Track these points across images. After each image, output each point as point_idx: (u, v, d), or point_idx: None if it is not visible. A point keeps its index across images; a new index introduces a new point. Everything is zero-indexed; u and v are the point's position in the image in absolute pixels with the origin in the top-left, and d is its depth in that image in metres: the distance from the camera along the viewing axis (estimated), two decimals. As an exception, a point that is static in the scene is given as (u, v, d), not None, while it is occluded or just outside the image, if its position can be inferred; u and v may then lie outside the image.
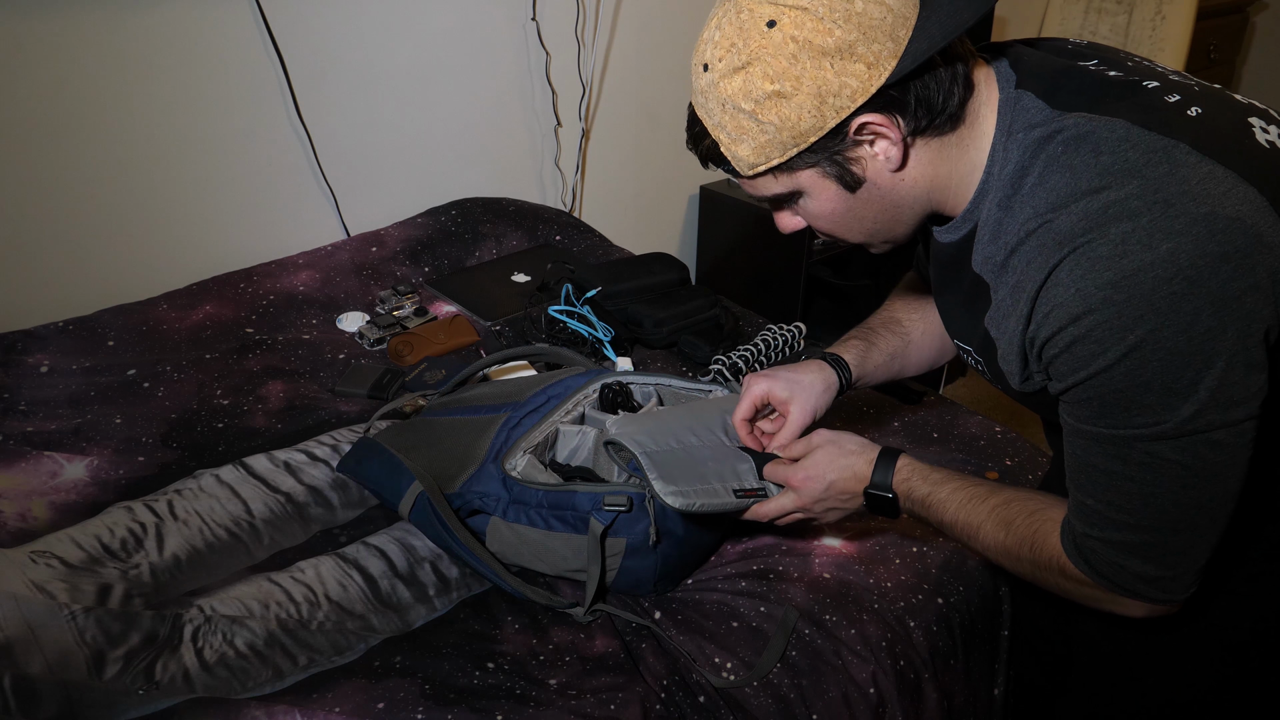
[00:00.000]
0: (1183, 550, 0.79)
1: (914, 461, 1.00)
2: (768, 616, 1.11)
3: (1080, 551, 0.83)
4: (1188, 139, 0.73)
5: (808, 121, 0.77)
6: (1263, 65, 3.89)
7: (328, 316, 1.73)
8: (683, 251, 2.76)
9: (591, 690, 1.01)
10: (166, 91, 1.72)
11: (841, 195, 0.83)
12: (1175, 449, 0.74)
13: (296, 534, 1.22)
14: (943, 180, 0.83)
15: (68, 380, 1.49)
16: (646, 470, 1.02)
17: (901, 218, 0.86)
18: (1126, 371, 0.72)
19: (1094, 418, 0.77)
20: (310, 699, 0.99)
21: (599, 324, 1.63)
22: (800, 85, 0.75)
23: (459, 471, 1.17)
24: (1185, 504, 0.76)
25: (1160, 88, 0.79)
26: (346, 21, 1.89)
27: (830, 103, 0.76)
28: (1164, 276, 0.69)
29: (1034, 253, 0.76)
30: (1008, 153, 0.80)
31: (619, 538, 1.08)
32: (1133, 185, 0.72)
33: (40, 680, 0.98)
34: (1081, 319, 0.72)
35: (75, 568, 1.13)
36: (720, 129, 0.81)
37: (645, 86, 2.43)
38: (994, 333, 0.84)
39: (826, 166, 0.81)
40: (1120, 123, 0.75)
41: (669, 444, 1.07)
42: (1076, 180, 0.74)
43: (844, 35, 0.73)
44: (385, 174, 2.06)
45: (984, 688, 1.22)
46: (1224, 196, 0.70)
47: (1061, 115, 0.77)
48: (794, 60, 0.74)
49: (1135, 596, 0.82)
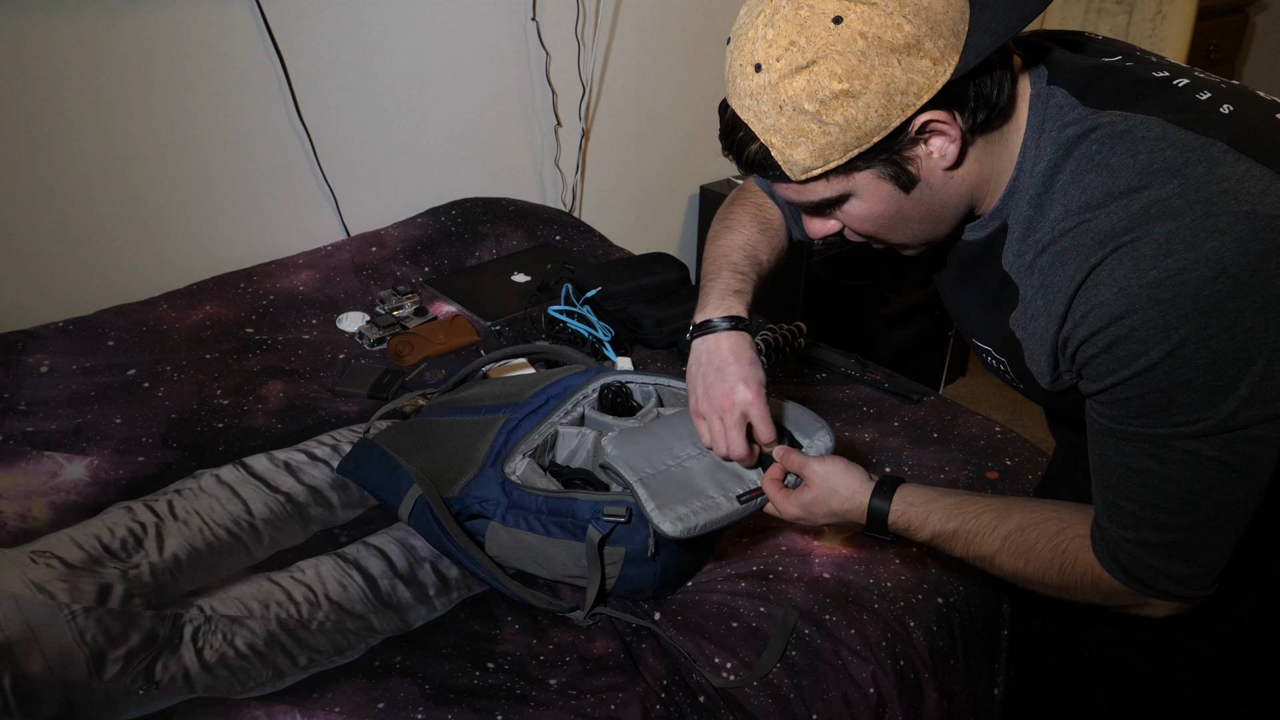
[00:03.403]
0: (1214, 548, 0.79)
1: (908, 499, 0.95)
2: (767, 616, 1.11)
3: (1115, 557, 0.82)
4: (1224, 137, 0.73)
5: (874, 121, 0.74)
6: (1263, 65, 3.88)
7: (328, 316, 1.73)
8: (683, 251, 2.76)
9: (591, 690, 1.01)
10: (166, 91, 1.72)
11: (894, 196, 0.81)
12: (1215, 446, 0.74)
13: (296, 534, 1.22)
14: (985, 176, 0.82)
15: (68, 380, 1.49)
16: (644, 501, 1.00)
17: (946, 217, 0.85)
18: (1169, 370, 0.72)
19: (1131, 417, 0.76)
20: (310, 699, 0.99)
21: (599, 324, 1.63)
22: (869, 83, 0.72)
23: (458, 475, 1.17)
24: (1222, 501, 0.76)
25: (1191, 85, 0.79)
26: (346, 21, 1.88)
27: (897, 100, 0.73)
28: (1209, 275, 0.69)
29: (1069, 252, 0.76)
30: (1040, 149, 0.79)
31: (618, 547, 1.07)
32: (1173, 185, 0.72)
33: (40, 680, 0.99)
34: (1124, 319, 0.72)
35: (75, 568, 1.13)
36: (774, 132, 0.76)
37: (645, 86, 2.43)
38: (1020, 334, 0.84)
39: (883, 167, 0.78)
40: (1156, 121, 0.74)
41: (664, 463, 1.05)
42: (1115, 179, 0.74)
43: (913, 30, 0.71)
44: (385, 174, 2.06)
45: (984, 688, 1.22)
46: (1263, 194, 0.71)
47: (1096, 113, 0.77)
48: (863, 57, 0.71)
49: (1164, 597, 0.81)
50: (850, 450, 1.38)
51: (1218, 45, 3.50)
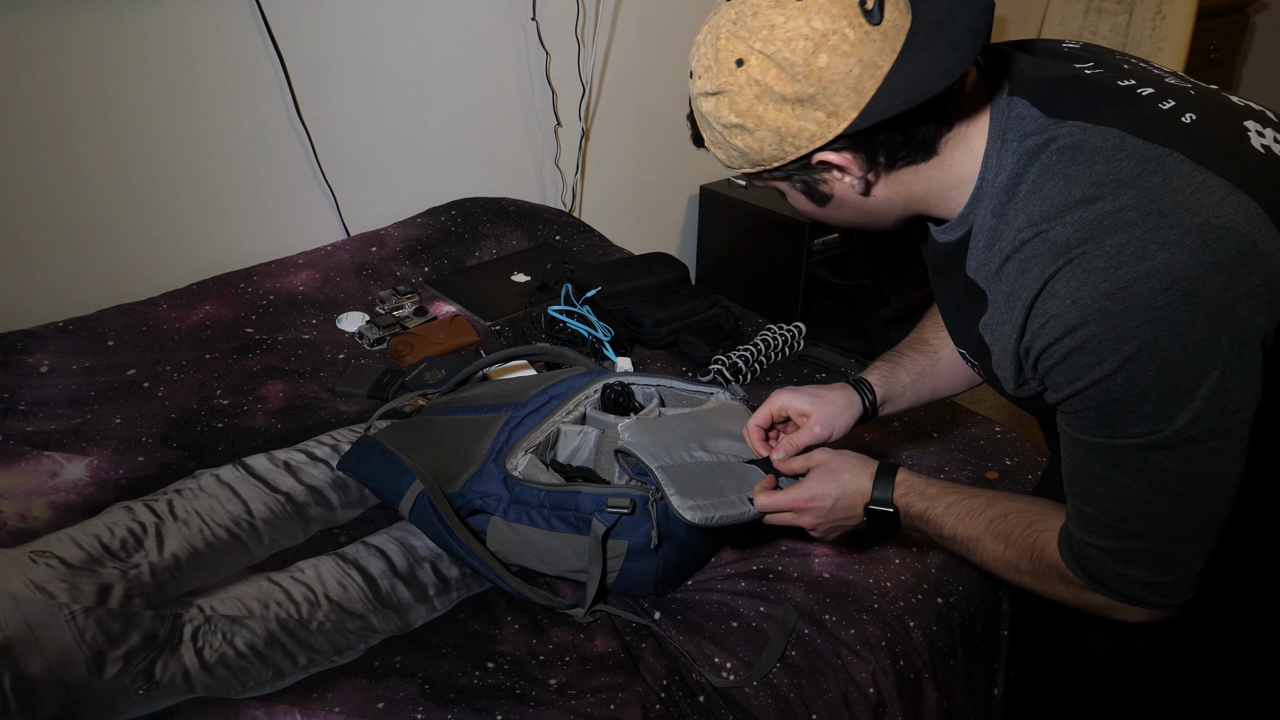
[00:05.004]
0: (1181, 556, 0.79)
1: (912, 475, 1.00)
2: (768, 616, 1.11)
3: (1078, 559, 0.83)
4: (1182, 148, 0.73)
5: (769, 152, 0.79)
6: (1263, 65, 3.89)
7: (328, 316, 1.73)
8: (683, 251, 2.76)
9: (591, 690, 1.01)
10: (166, 91, 1.72)
11: (811, 204, 0.87)
12: (1172, 458, 0.74)
13: (296, 534, 1.22)
14: (920, 196, 0.84)
15: (68, 380, 1.49)
16: (664, 485, 1.03)
17: (879, 221, 0.89)
18: (1122, 382, 0.72)
19: (1091, 427, 0.77)
20: (310, 699, 0.99)
21: (599, 324, 1.63)
22: (761, 123, 0.77)
23: (460, 471, 1.17)
24: (1182, 512, 0.76)
25: (1155, 94, 0.79)
26: (346, 21, 1.89)
27: (790, 141, 0.77)
28: (1159, 287, 0.69)
29: (1029, 262, 0.76)
30: (1001, 160, 0.80)
31: (620, 539, 1.08)
32: (1127, 196, 0.72)
33: (40, 680, 0.98)
34: (1077, 330, 0.73)
35: (75, 568, 1.13)
36: (704, 129, 0.84)
37: (645, 86, 2.43)
38: (988, 338, 0.84)
39: (794, 184, 0.84)
40: (1114, 132, 0.75)
41: (681, 458, 1.07)
42: (1070, 189, 0.74)
43: (801, 89, 0.74)
44: (385, 174, 2.06)
45: (984, 688, 1.22)
46: (1218, 206, 0.71)
47: (1057, 123, 0.77)
48: (757, 100, 0.76)
49: (1134, 602, 0.82)
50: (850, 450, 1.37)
51: (1218, 45, 3.50)
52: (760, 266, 2.54)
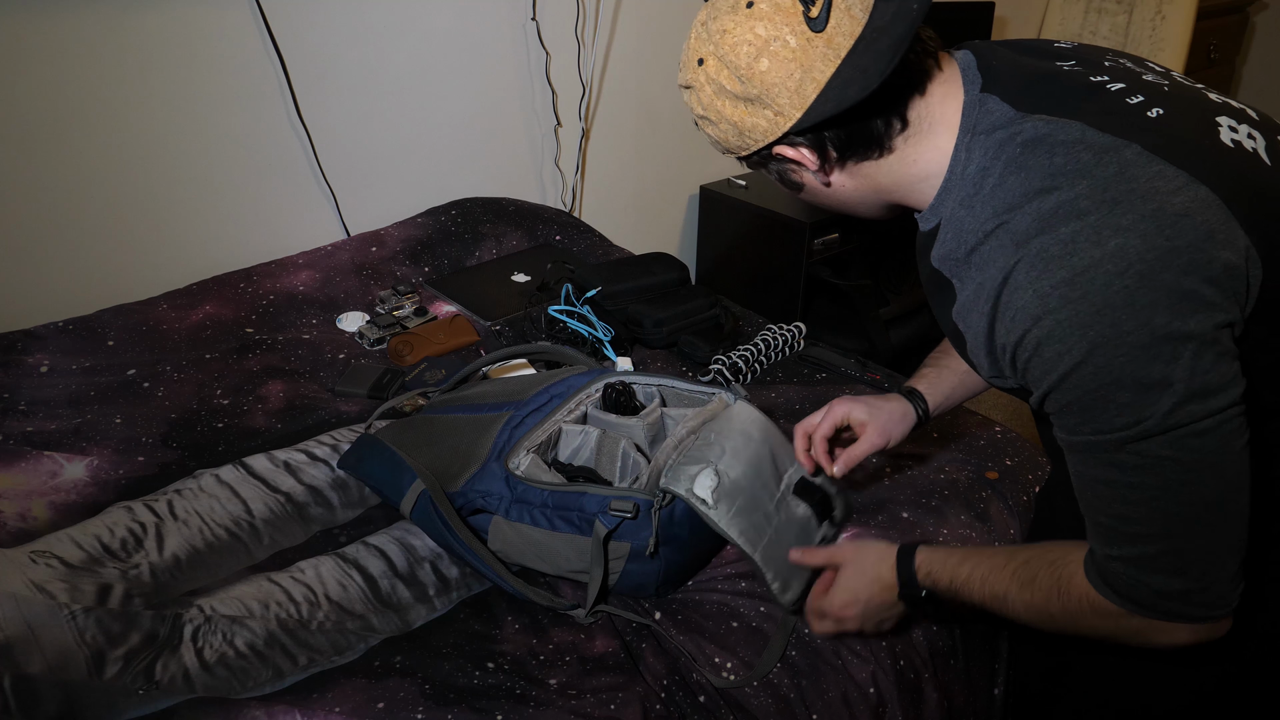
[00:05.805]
0: (1202, 557, 0.77)
1: (930, 550, 0.99)
2: (768, 616, 1.11)
3: (1104, 578, 0.81)
4: (1142, 140, 0.75)
5: (733, 143, 0.85)
6: (1263, 65, 3.88)
7: (328, 316, 1.73)
8: (683, 251, 2.76)
9: (591, 690, 1.01)
10: (166, 91, 1.72)
11: (788, 190, 0.91)
12: (1163, 445, 0.74)
13: (296, 534, 1.22)
14: (887, 187, 0.87)
15: (68, 380, 1.49)
16: (763, 571, 1.06)
17: (859, 209, 0.92)
18: (1095, 370, 0.73)
19: (1078, 425, 0.77)
20: (310, 699, 0.99)
21: (599, 324, 1.63)
22: (722, 117, 0.83)
23: (461, 470, 1.17)
24: (1188, 503, 0.76)
25: (1124, 89, 0.80)
26: (346, 21, 1.89)
27: (748, 135, 0.83)
28: (1114, 271, 0.70)
29: (992, 253, 0.78)
30: (970, 153, 0.81)
31: (623, 542, 1.08)
32: (1082, 185, 0.73)
33: (40, 680, 0.98)
34: (1043, 320, 0.74)
35: (75, 568, 1.13)
36: None
37: (645, 86, 2.43)
38: (961, 326, 0.85)
39: (769, 171, 0.89)
40: (1076, 125, 0.76)
41: (761, 524, 1.07)
42: (1030, 181, 0.76)
43: (748, 89, 0.79)
44: (385, 174, 2.06)
45: (984, 688, 1.22)
46: (1172, 195, 0.72)
47: (1024, 118, 0.79)
48: (715, 97, 0.82)
49: (1170, 617, 0.80)
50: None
51: (1218, 45, 3.50)
52: (760, 266, 2.54)
